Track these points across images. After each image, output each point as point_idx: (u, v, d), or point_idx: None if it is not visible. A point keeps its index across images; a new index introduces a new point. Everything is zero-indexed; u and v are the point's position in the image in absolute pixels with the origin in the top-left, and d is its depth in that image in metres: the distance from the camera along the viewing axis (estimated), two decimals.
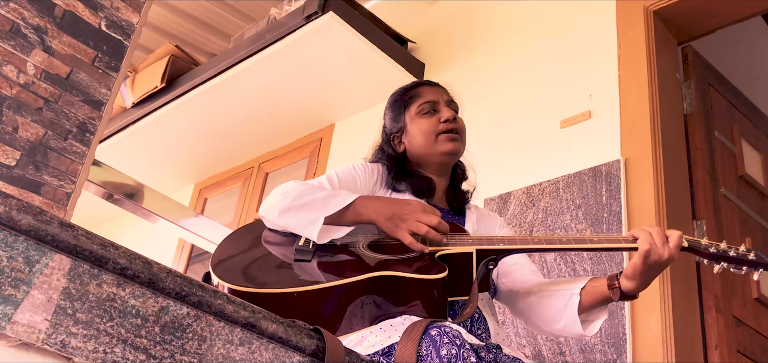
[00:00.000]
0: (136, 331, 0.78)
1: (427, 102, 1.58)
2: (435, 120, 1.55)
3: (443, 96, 1.61)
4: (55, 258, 0.75)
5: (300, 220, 1.33)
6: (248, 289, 1.19)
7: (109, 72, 2.42)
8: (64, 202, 2.21)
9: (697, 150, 2.65)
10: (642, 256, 1.26)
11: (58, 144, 2.24)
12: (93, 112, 2.34)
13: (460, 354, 1.03)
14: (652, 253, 1.25)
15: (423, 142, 1.55)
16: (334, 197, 1.34)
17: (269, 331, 0.90)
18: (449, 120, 1.54)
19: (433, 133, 1.54)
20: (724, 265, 1.31)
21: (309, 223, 1.31)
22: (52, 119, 2.24)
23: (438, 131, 1.54)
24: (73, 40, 2.35)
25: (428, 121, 1.56)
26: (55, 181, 2.20)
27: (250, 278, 1.25)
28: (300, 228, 1.33)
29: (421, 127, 1.56)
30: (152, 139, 4.40)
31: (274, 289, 1.20)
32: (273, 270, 1.29)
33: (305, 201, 1.34)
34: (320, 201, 1.33)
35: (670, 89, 2.67)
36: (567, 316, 1.38)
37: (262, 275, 1.27)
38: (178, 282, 0.83)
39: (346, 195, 1.35)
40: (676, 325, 2.14)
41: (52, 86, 2.26)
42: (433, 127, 1.55)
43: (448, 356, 1.02)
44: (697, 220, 2.53)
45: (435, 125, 1.55)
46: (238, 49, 3.62)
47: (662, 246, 1.26)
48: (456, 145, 1.54)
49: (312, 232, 1.30)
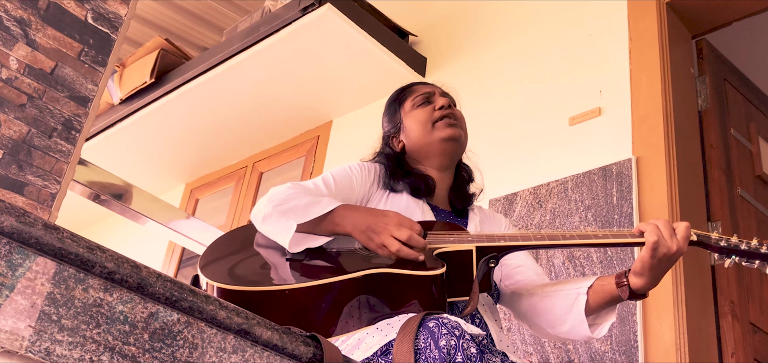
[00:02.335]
0: (124, 338, 0.78)
1: (421, 94, 1.61)
2: (430, 109, 1.58)
3: (437, 89, 1.65)
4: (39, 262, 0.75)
5: (277, 228, 1.33)
6: (237, 288, 1.19)
7: (96, 66, 2.42)
8: (48, 203, 2.21)
9: (712, 148, 2.65)
10: (650, 250, 1.26)
11: (43, 142, 2.23)
12: (79, 109, 2.34)
13: (459, 345, 1.03)
14: (660, 246, 1.26)
15: (420, 132, 1.56)
16: (315, 205, 1.34)
17: (264, 338, 0.90)
18: (445, 107, 1.56)
19: (430, 122, 1.56)
20: (736, 260, 1.32)
21: (283, 231, 1.31)
22: (36, 116, 2.24)
23: (434, 119, 1.56)
24: (58, 33, 2.34)
25: (423, 111, 1.58)
26: (39, 181, 2.20)
27: (239, 277, 1.26)
28: (276, 235, 1.33)
29: (416, 117, 1.58)
30: (141, 136, 4.40)
31: (264, 286, 1.20)
32: (263, 269, 1.30)
33: (286, 208, 1.34)
34: (301, 208, 1.33)
35: (684, 85, 2.67)
36: (573, 318, 1.38)
37: (252, 274, 1.28)
38: (168, 286, 0.83)
39: (327, 203, 1.35)
40: (690, 331, 2.14)
41: (35, 82, 2.26)
42: (429, 116, 1.57)
43: (446, 347, 1.02)
44: (713, 221, 2.53)
45: (430, 114, 1.57)
46: (231, 43, 3.61)
47: (670, 238, 1.26)
48: (455, 130, 1.55)
49: (285, 239, 1.30)
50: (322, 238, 1.34)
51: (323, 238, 1.34)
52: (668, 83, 2.53)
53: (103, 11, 2.48)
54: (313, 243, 1.33)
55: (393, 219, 1.31)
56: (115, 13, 2.51)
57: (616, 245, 1.35)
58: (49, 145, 2.25)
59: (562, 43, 2.94)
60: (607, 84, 2.68)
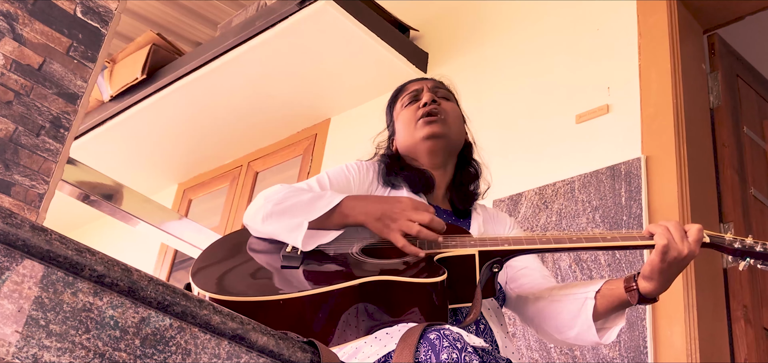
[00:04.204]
0: (114, 344, 0.78)
1: (409, 93, 1.62)
2: (415, 108, 1.58)
3: (428, 84, 1.64)
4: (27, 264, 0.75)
5: (283, 226, 1.32)
6: (230, 299, 1.18)
7: (85, 62, 2.42)
8: (36, 204, 2.21)
9: (724, 147, 2.65)
10: (660, 253, 1.26)
11: (30, 141, 2.23)
12: (67, 106, 2.34)
13: (461, 358, 1.03)
14: (670, 249, 1.25)
15: (406, 134, 1.58)
16: (319, 199, 1.34)
17: (259, 344, 0.90)
18: (428, 103, 1.56)
19: (413, 122, 1.57)
20: (751, 262, 1.31)
21: (293, 229, 1.31)
22: (23, 114, 2.24)
23: (417, 118, 1.56)
24: (46, 27, 2.34)
25: (409, 110, 1.59)
26: (26, 181, 2.20)
27: (232, 286, 1.25)
28: (283, 234, 1.33)
29: (403, 118, 1.59)
30: (132, 135, 4.40)
31: (258, 297, 1.20)
32: (257, 278, 1.29)
33: (289, 204, 1.34)
34: (305, 204, 1.33)
35: (695, 81, 2.67)
36: (581, 323, 1.38)
37: (245, 283, 1.27)
38: (160, 290, 0.83)
39: (332, 196, 1.35)
40: (701, 337, 2.14)
41: (23, 78, 2.26)
42: (413, 115, 1.57)
43: (448, 361, 1.02)
44: (725, 222, 2.53)
45: (414, 113, 1.57)
46: (225, 38, 3.61)
47: (681, 241, 1.26)
48: (433, 127, 1.54)
49: (296, 238, 1.30)
50: (333, 233, 1.33)
51: (334, 233, 1.34)
52: (679, 79, 2.53)
53: (92, 5, 2.48)
54: (324, 239, 1.33)
55: (408, 203, 1.31)
56: (105, 6, 2.51)
57: (625, 248, 1.35)
58: (36, 143, 2.25)
59: (568, 37, 2.94)
60: (615, 80, 2.68)
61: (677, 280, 1.48)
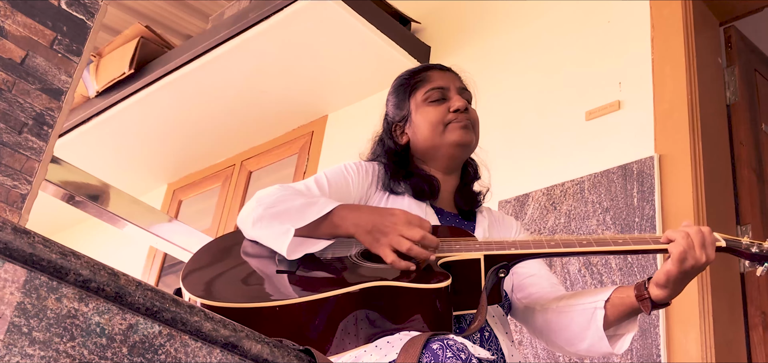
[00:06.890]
0: (100, 352, 0.78)
1: (436, 88, 1.57)
2: (443, 109, 1.55)
3: (455, 82, 1.61)
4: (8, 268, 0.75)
5: (271, 232, 1.32)
6: (222, 305, 1.18)
7: (70, 56, 2.42)
8: (18, 205, 2.21)
9: (741, 145, 2.65)
10: (677, 262, 1.25)
11: (12, 138, 2.23)
12: (51, 102, 2.34)
13: None
14: (688, 258, 1.25)
15: (429, 134, 1.54)
16: (310, 206, 1.33)
17: (253, 352, 0.90)
18: (460, 110, 1.54)
19: (441, 124, 1.53)
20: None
21: (279, 236, 1.30)
22: (5, 110, 2.24)
23: (446, 121, 1.54)
24: (29, 19, 2.34)
25: (436, 110, 1.55)
26: (8, 180, 2.20)
27: (224, 292, 1.25)
28: (271, 240, 1.32)
29: (427, 116, 1.55)
30: (119, 132, 4.40)
31: (252, 303, 1.20)
32: (251, 283, 1.29)
33: (279, 209, 1.33)
34: (295, 210, 1.32)
35: (711, 76, 2.67)
36: (592, 334, 1.37)
37: (238, 288, 1.27)
38: (148, 296, 0.83)
39: (325, 203, 1.34)
40: (717, 345, 2.14)
41: (4, 72, 2.26)
42: (441, 117, 1.54)
43: None
44: (742, 224, 2.53)
45: (443, 115, 1.54)
46: (217, 30, 3.61)
47: (700, 249, 1.25)
48: (468, 135, 1.53)
49: (282, 245, 1.29)
50: (322, 243, 1.33)
51: (323, 243, 1.33)
52: (694, 74, 2.53)
53: None
54: (312, 248, 1.32)
55: (401, 217, 1.30)
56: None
57: (638, 253, 1.34)
58: (18, 141, 2.25)
59: (578, 30, 2.94)
60: (627, 75, 2.68)
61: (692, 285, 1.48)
